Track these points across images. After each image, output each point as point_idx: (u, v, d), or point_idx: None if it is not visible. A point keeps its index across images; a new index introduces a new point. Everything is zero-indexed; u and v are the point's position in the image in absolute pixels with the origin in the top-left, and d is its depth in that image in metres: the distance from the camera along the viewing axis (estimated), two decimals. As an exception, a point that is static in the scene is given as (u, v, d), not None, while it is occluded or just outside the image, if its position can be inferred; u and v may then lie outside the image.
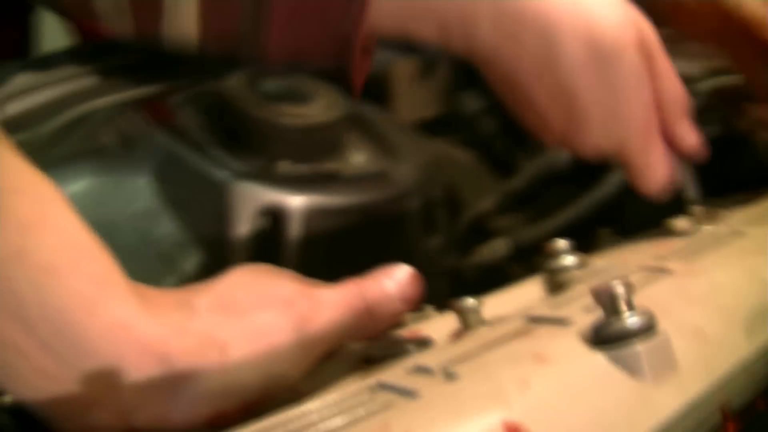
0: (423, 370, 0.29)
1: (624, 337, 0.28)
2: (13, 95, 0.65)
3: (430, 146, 0.78)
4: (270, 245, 0.58)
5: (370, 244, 0.63)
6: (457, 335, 0.38)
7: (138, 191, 0.60)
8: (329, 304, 0.36)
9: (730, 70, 0.76)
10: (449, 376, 0.28)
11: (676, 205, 0.57)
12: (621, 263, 0.42)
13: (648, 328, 0.29)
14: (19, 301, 0.29)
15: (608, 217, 0.69)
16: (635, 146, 0.50)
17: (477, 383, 0.27)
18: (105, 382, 0.30)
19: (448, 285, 0.74)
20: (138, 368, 0.31)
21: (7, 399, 0.32)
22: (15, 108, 0.65)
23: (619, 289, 0.29)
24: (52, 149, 0.63)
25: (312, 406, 0.27)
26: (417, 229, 0.67)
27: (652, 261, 0.39)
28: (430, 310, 0.47)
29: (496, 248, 0.76)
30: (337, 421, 0.26)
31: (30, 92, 0.66)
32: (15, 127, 0.64)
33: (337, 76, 0.53)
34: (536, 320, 0.33)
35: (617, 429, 0.26)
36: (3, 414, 0.33)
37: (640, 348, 0.28)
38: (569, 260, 0.44)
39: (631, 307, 0.29)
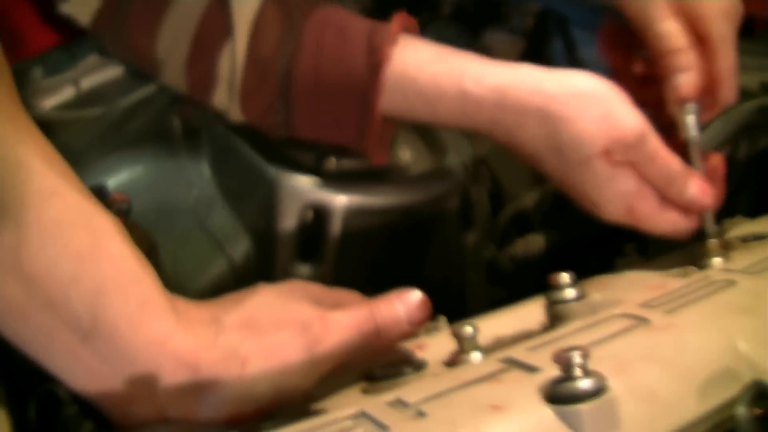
0: (401, 404, 0.35)
1: (573, 399, 0.33)
2: (87, 70, 0.72)
3: (480, 138, 0.81)
4: (313, 239, 0.63)
5: (409, 240, 0.68)
6: (452, 358, 0.44)
7: (196, 178, 0.66)
8: (340, 327, 0.41)
9: None
10: (419, 414, 0.33)
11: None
12: (615, 301, 0.46)
13: (596, 392, 0.33)
14: (75, 318, 0.36)
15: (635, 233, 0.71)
16: (628, 223, 0.56)
17: (438, 425, 0.33)
18: (144, 385, 0.37)
19: (484, 276, 0.79)
20: (172, 375, 0.37)
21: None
22: (90, 82, 0.71)
23: (576, 359, 0.33)
24: (123, 126, 0.70)
25: (299, 427, 0.33)
26: (455, 227, 0.71)
27: (636, 309, 0.43)
28: (442, 322, 0.52)
29: (533, 243, 0.79)
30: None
31: (103, 67, 0.72)
32: (90, 101, 0.71)
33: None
34: (511, 363, 0.38)
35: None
36: (65, 397, 0.40)
37: (584, 409, 0.32)
38: (569, 293, 0.48)
39: (585, 372, 0.33)
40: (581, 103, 0.52)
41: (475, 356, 0.43)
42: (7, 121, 0.36)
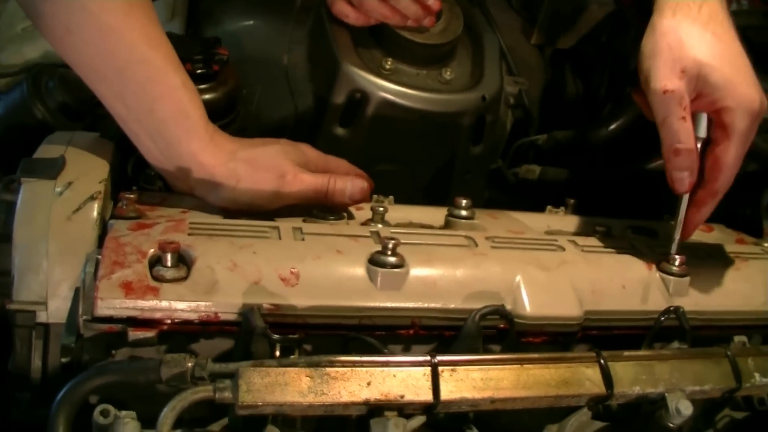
0: (299, 230, 0.62)
1: (378, 264, 0.59)
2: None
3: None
4: (354, 113, 0.88)
5: (425, 138, 0.91)
6: (366, 222, 0.70)
7: (294, 44, 0.92)
8: (303, 181, 0.68)
9: None
10: (302, 238, 0.61)
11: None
12: (483, 227, 0.70)
13: (395, 265, 0.59)
14: (150, 131, 0.65)
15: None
16: None
17: (307, 247, 0.60)
18: (182, 173, 0.67)
19: (485, 181, 1.01)
20: (196, 173, 0.66)
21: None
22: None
23: (389, 243, 0.59)
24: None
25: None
26: (464, 139, 0.93)
27: (479, 237, 0.66)
28: (390, 200, 0.77)
29: (531, 172, 1.01)
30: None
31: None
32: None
33: None
34: (374, 233, 0.64)
35: (345, 297, 0.58)
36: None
37: (380, 270, 0.58)
38: (462, 213, 0.72)
39: (394, 253, 0.59)
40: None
41: (375, 225, 0.69)
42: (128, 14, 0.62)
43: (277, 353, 0.53)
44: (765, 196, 0.86)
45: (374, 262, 0.59)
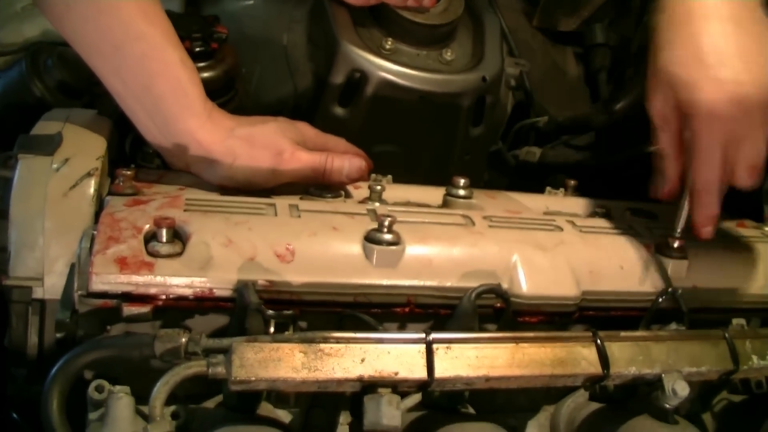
0: (294, 207, 0.62)
1: (374, 241, 0.59)
2: None
3: (526, 58, 1.00)
4: (353, 93, 0.87)
5: (424, 119, 0.91)
6: (363, 200, 0.70)
7: (295, 23, 0.91)
8: (300, 160, 0.68)
9: None
10: (297, 215, 0.61)
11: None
12: (479, 207, 0.70)
13: (391, 243, 0.59)
14: (147, 108, 0.64)
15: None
16: None
17: (303, 224, 0.60)
18: (178, 150, 0.66)
19: (485, 162, 1.01)
20: (193, 151, 0.66)
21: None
22: None
23: (386, 220, 0.58)
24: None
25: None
26: (464, 120, 0.93)
27: (476, 216, 0.66)
28: (388, 178, 0.77)
29: (531, 154, 1.00)
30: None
31: None
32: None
33: None
34: (370, 211, 0.63)
35: (340, 274, 0.58)
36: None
37: (374, 247, 0.58)
38: (460, 192, 0.71)
39: (390, 230, 0.59)
40: None
41: (372, 203, 0.69)
42: None
43: (272, 329, 0.53)
44: (766, 181, 0.85)
45: (370, 239, 0.59)
